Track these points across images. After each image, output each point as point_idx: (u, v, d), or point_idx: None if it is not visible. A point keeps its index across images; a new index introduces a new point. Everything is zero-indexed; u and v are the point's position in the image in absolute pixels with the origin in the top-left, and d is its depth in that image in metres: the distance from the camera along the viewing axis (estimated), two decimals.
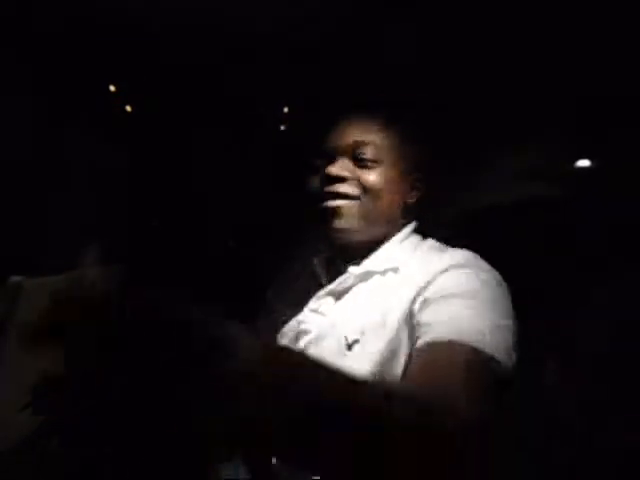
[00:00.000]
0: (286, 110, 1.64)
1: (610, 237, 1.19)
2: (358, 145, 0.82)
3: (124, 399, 0.30)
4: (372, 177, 0.82)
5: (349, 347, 0.76)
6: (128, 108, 1.50)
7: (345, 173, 0.81)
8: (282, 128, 1.69)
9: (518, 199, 1.43)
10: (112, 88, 1.42)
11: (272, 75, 1.40)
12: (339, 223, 0.81)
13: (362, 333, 0.76)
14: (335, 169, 0.80)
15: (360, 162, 0.82)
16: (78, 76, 1.20)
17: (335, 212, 0.80)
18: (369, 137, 0.83)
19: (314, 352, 0.79)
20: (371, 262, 0.83)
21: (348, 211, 0.80)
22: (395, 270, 0.80)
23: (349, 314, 0.80)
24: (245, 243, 1.79)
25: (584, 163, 1.47)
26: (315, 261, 0.92)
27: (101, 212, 1.21)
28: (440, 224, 0.87)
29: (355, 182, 0.81)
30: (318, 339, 0.81)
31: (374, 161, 0.82)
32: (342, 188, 0.81)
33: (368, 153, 0.82)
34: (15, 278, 0.67)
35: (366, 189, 0.81)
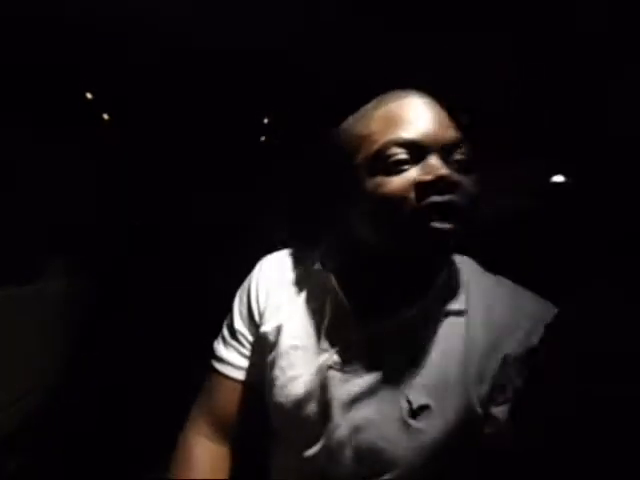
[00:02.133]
0: (266, 121, 1.64)
1: (591, 250, 1.21)
2: (458, 142, 0.60)
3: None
4: (476, 185, 0.60)
5: (414, 414, 0.60)
6: (105, 116, 1.48)
7: (457, 177, 0.57)
8: (262, 139, 1.68)
9: (501, 213, 1.45)
10: (89, 95, 1.40)
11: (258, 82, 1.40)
12: (446, 248, 0.59)
13: (434, 396, 0.60)
14: (447, 171, 0.56)
15: (458, 165, 0.59)
16: (54, 81, 1.18)
17: (446, 234, 0.56)
18: (462, 135, 0.61)
19: (357, 413, 0.62)
20: (436, 298, 0.64)
21: (457, 233, 0.57)
22: (460, 313, 0.63)
23: (408, 368, 0.62)
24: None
25: (558, 179, 1.49)
26: (334, 282, 0.68)
27: (64, 223, 1.18)
28: None
29: (461, 192, 0.58)
30: (363, 397, 0.63)
31: (469, 166, 0.61)
32: (455, 199, 0.56)
33: (467, 154, 0.60)
34: None
35: (471, 202, 0.58)
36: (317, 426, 0.66)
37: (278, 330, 0.71)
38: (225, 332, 0.79)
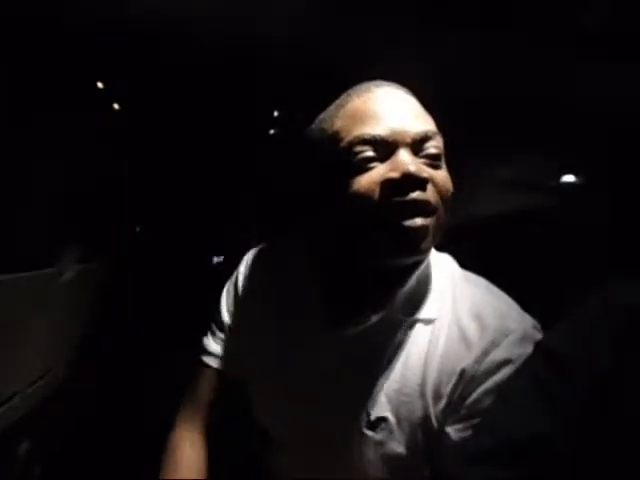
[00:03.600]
0: (276, 114, 1.64)
1: (596, 249, 1.21)
2: (428, 135, 0.56)
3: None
4: (448, 180, 0.57)
5: (372, 426, 0.58)
6: (116, 106, 1.48)
7: (425, 174, 0.54)
8: (271, 132, 1.68)
9: (502, 211, 1.44)
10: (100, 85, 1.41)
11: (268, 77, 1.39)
12: (419, 247, 0.54)
13: (391, 408, 0.58)
14: (415, 167, 0.53)
15: (430, 159, 0.56)
16: (64, 74, 1.18)
17: (416, 233, 0.53)
18: (433, 127, 0.58)
19: (319, 422, 0.62)
20: (402, 305, 0.61)
21: (429, 231, 0.54)
22: (428, 322, 0.60)
23: (368, 378, 0.60)
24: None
25: (569, 178, 1.49)
26: (307, 283, 0.67)
27: (76, 213, 1.19)
28: None
29: (431, 188, 0.55)
30: (324, 405, 0.61)
31: (440, 160, 0.58)
32: (424, 196, 0.54)
33: (439, 148, 0.57)
34: None
35: (443, 197, 0.56)
36: (282, 426, 0.67)
37: (254, 325, 0.71)
38: (212, 325, 0.79)
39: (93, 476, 1.27)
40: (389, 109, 0.57)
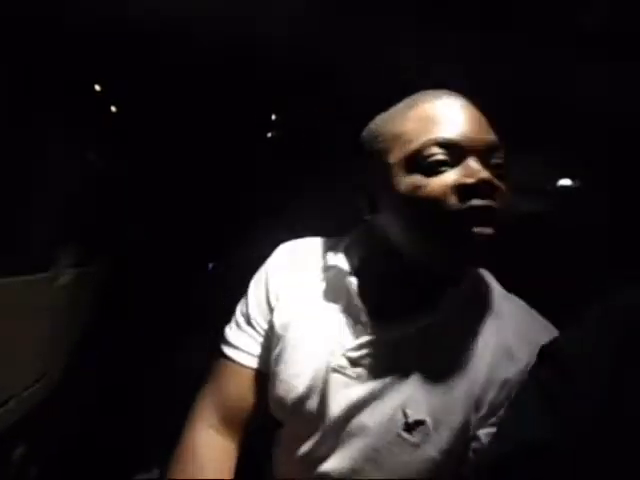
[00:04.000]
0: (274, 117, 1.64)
1: (596, 252, 1.21)
2: (497, 146, 0.58)
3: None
4: (509, 193, 0.58)
5: (409, 428, 0.58)
6: (114, 106, 1.48)
7: (497, 182, 0.55)
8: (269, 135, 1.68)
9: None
10: (97, 88, 1.40)
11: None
12: (483, 254, 0.56)
13: (430, 412, 0.58)
14: (488, 175, 0.54)
15: (495, 169, 0.57)
16: (63, 74, 1.18)
17: (483, 242, 0.54)
18: (499, 140, 0.59)
19: (355, 420, 0.62)
20: (451, 312, 0.61)
21: (494, 243, 0.55)
22: (474, 334, 0.61)
23: (409, 380, 0.60)
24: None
25: (566, 182, 1.49)
26: (350, 283, 0.65)
27: (74, 213, 1.19)
28: None
29: (500, 199, 0.56)
30: (361, 404, 0.62)
31: (504, 171, 0.58)
32: (494, 204, 0.54)
33: (503, 160, 0.58)
34: None
35: (506, 206, 0.57)
36: (312, 426, 0.65)
37: (288, 324, 0.70)
38: (239, 318, 0.77)
39: (91, 478, 1.26)
40: (463, 116, 0.57)
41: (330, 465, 0.63)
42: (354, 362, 0.63)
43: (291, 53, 1.25)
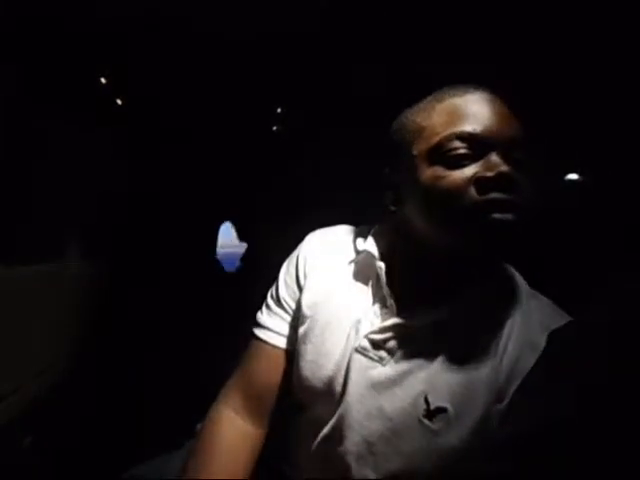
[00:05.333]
0: (279, 110, 1.64)
1: (603, 247, 1.20)
2: (520, 141, 0.58)
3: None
4: (531, 187, 0.58)
5: (430, 415, 0.59)
6: (118, 101, 1.48)
7: (517, 176, 0.56)
8: (274, 128, 1.68)
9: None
10: (103, 81, 1.41)
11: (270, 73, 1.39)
12: (508, 241, 0.56)
13: (452, 401, 0.58)
14: (508, 169, 0.55)
15: (518, 164, 0.57)
16: (68, 69, 1.18)
17: (507, 228, 0.54)
18: (524, 135, 0.59)
19: (376, 402, 0.62)
20: (477, 303, 0.62)
21: (518, 229, 0.56)
22: (499, 325, 0.61)
23: (432, 368, 0.61)
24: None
25: (573, 176, 1.48)
26: (379, 268, 0.67)
27: (82, 206, 1.20)
28: None
29: (522, 192, 0.56)
30: (384, 387, 0.62)
31: (527, 166, 0.59)
32: (515, 197, 0.55)
33: (526, 155, 0.59)
34: None
35: (528, 202, 0.57)
36: (334, 407, 0.65)
37: (315, 304, 0.71)
38: (269, 300, 0.79)
39: (95, 467, 1.28)
40: (487, 111, 0.58)
41: (348, 447, 0.64)
42: (377, 345, 0.64)
43: (294, 50, 1.25)
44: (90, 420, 1.37)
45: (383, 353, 0.64)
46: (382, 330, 0.64)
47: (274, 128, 1.69)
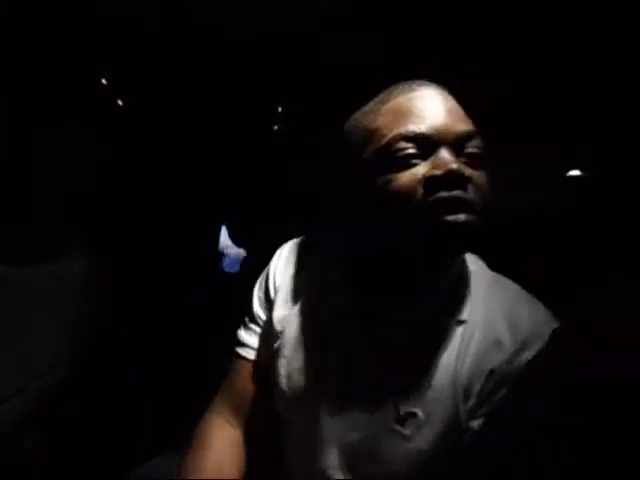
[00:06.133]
0: (280, 109, 1.63)
1: (604, 245, 1.20)
2: (470, 134, 0.57)
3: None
4: (486, 181, 0.57)
5: (400, 421, 0.59)
6: (120, 102, 1.48)
7: (468, 172, 0.54)
8: (276, 128, 1.68)
9: (513, 208, 1.44)
10: (104, 81, 1.41)
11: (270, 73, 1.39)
12: (461, 243, 0.55)
13: (421, 405, 0.58)
14: (457, 165, 0.53)
15: (470, 159, 0.56)
16: (68, 68, 1.19)
17: (460, 228, 0.53)
18: (474, 127, 0.58)
19: (348, 412, 0.62)
20: (436, 304, 0.62)
21: (472, 228, 0.54)
22: (460, 323, 0.61)
23: (399, 373, 0.60)
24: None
25: (575, 172, 1.48)
26: (339, 278, 0.68)
27: (84, 205, 1.20)
28: None
29: (472, 187, 0.55)
30: (354, 397, 0.62)
31: (480, 160, 0.57)
32: (465, 194, 0.54)
33: (478, 149, 0.57)
34: None
35: (482, 197, 0.55)
36: (312, 419, 0.66)
37: (286, 319, 0.71)
38: (246, 317, 0.80)
39: (97, 467, 1.28)
40: (432, 108, 0.57)
41: (328, 460, 0.64)
42: (346, 356, 0.64)
43: (297, 50, 1.25)
44: (92, 420, 1.37)
45: (352, 364, 0.63)
46: (350, 341, 0.64)
47: (275, 127, 1.69)
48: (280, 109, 1.61)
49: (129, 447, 1.30)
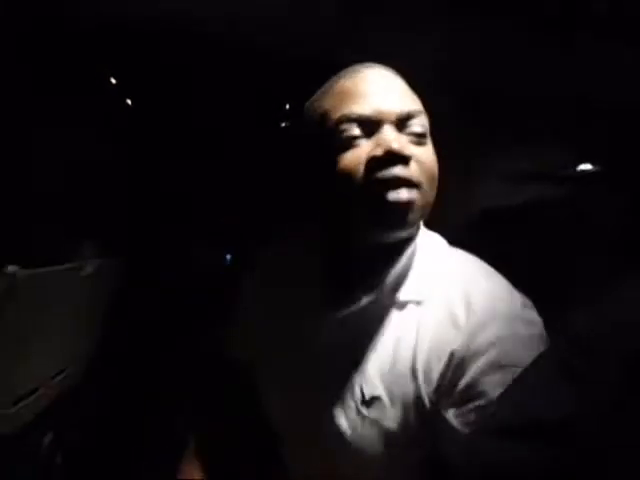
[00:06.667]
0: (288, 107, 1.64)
1: (613, 239, 1.19)
2: (412, 113, 0.58)
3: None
4: (432, 158, 0.59)
5: (366, 404, 0.60)
6: (128, 102, 1.49)
7: (408, 151, 0.56)
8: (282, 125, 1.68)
9: (519, 202, 1.43)
10: (113, 81, 1.42)
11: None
12: (405, 220, 0.56)
13: (384, 387, 0.59)
14: (397, 144, 0.55)
15: (414, 137, 0.58)
16: (77, 69, 1.20)
17: (401, 206, 0.55)
18: (418, 106, 0.60)
19: (317, 395, 0.63)
20: (392, 286, 0.62)
21: (414, 205, 0.56)
22: (417, 303, 0.61)
23: (362, 357, 0.61)
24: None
25: (586, 166, 1.47)
26: (308, 268, 0.70)
27: (95, 206, 1.21)
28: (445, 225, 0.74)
29: (415, 165, 0.57)
30: (322, 382, 0.63)
31: (425, 138, 0.59)
32: (407, 172, 0.55)
33: (423, 126, 0.59)
34: (10, 268, 0.67)
35: (427, 174, 0.58)
36: (283, 411, 0.69)
37: (266, 310, 0.73)
38: (236, 314, 0.82)
39: (112, 465, 1.29)
40: (374, 89, 0.59)
41: (311, 446, 0.66)
42: (316, 343, 0.65)
43: (301, 46, 1.25)
44: (106, 420, 1.38)
45: (320, 350, 0.64)
46: (316, 328, 0.65)
47: (282, 125, 1.69)
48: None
49: (144, 446, 1.32)
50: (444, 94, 0.71)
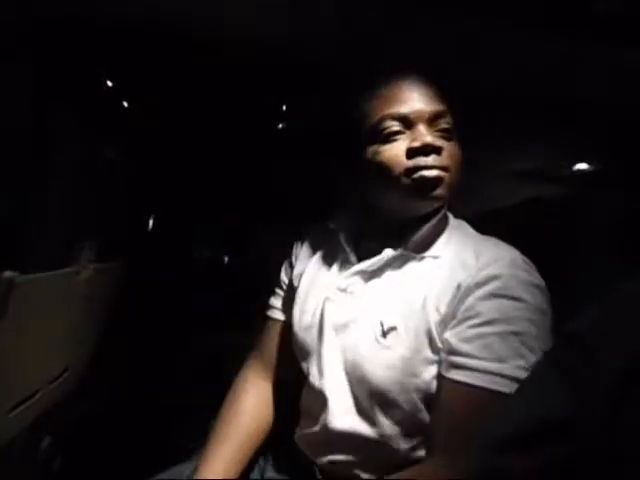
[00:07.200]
0: (284, 108, 1.63)
1: (611, 237, 1.19)
2: (441, 113, 0.74)
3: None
4: (457, 150, 0.75)
5: (384, 334, 0.72)
6: (125, 104, 1.49)
7: (439, 143, 0.72)
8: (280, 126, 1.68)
9: (518, 200, 1.43)
10: (109, 83, 1.41)
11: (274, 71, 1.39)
12: (438, 192, 0.71)
13: (401, 320, 0.72)
14: (431, 138, 0.71)
15: (442, 132, 0.74)
16: (75, 70, 1.19)
17: (433, 181, 0.70)
18: (445, 107, 0.75)
19: (344, 335, 0.76)
20: (415, 245, 0.77)
21: (444, 182, 0.71)
22: (435, 257, 0.76)
23: (384, 298, 0.75)
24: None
25: (582, 166, 1.47)
26: (341, 236, 0.84)
27: (93, 209, 1.20)
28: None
29: (445, 153, 0.72)
30: (349, 321, 0.77)
31: (451, 133, 0.75)
32: (438, 160, 0.71)
33: (450, 124, 0.75)
34: (7, 274, 0.66)
35: (453, 161, 0.73)
36: (317, 348, 0.80)
37: (300, 275, 0.90)
38: (276, 284, 0.98)
39: (111, 467, 1.29)
40: (411, 93, 0.75)
41: (326, 383, 0.77)
42: (343, 290, 0.80)
43: (299, 49, 1.25)
44: (106, 422, 1.38)
45: (348, 297, 0.79)
46: (345, 278, 0.81)
47: (280, 126, 1.68)
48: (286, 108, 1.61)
49: (144, 449, 1.32)
50: (444, 94, 0.78)
